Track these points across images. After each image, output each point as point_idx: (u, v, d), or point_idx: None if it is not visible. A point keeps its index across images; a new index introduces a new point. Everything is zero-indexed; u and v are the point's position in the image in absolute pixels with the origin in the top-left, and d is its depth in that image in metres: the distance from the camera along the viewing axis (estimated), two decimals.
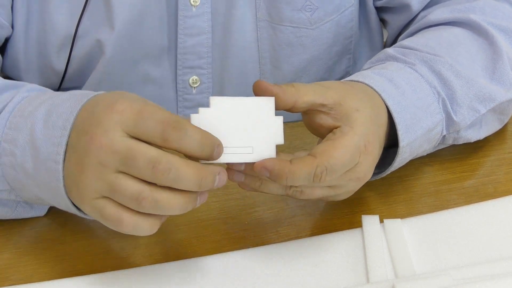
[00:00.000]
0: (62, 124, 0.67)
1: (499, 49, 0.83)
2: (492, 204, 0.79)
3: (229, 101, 0.68)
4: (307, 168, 0.66)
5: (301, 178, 0.66)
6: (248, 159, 0.68)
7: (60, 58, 0.92)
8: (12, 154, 0.70)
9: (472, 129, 0.82)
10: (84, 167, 0.64)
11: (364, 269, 0.72)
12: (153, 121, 0.63)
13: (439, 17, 0.89)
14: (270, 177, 0.66)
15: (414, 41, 0.85)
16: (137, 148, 0.62)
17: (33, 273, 0.72)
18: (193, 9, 0.92)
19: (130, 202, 0.63)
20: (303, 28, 0.95)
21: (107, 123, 0.63)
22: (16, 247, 0.75)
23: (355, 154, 0.68)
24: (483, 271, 0.70)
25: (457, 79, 0.80)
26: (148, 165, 0.62)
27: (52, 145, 0.67)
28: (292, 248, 0.74)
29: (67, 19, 0.90)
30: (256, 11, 0.94)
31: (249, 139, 0.68)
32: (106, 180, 0.63)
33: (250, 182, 0.69)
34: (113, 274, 0.71)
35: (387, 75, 0.78)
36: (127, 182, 0.63)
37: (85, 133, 0.65)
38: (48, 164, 0.68)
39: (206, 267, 0.72)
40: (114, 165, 0.63)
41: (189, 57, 0.94)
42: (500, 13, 0.88)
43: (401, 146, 0.75)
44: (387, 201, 0.80)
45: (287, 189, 0.70)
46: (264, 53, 0.96)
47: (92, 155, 0.64)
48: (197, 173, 0.63)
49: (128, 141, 0.63)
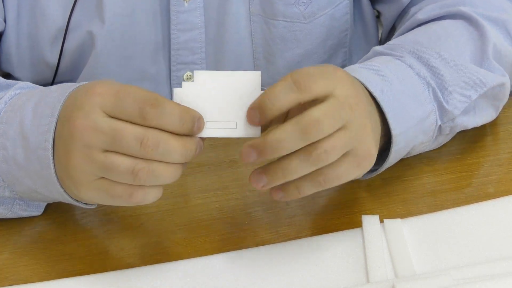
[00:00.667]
0: (50, 112, 0.69)
1: (487, 40, 0.83)
2: (492, 204, 0.79)
3: (214, 75, 0.68)
4: (281, 82, 0.65)
5: (280, 94, 0.65)
6: (232, 134, 0.67)
7: (53, 51, 0.92)
8: (4, 147, 0.71)
9: (466, 116, 0.82)
10: (71, 153, 0.65)
11: (364, 269, 0.72)
12: (131, 100, 0.64)
13: (429, 14, 0.89)
14: (257, 153, 0.65)
15: (402, 39, 0.86)
16: (122, 126, 0.64)
17: (33, 273, 0.72)
18: (185, 4, 0.92)
19: (127, 176, 0.64)
20: (297, 22, 0.95)
21: (87, 106, 0.65)
22: (15, 247, 0.75)
23: (331, 79, 0.67)
24: (483, 271, 0.70)
25: (446, 67, 0.80)
26: (136, 142, 0.63)
27: (41, 133, 0.69)
28: (292, 248, 0.74)
29: (59, 11, 0.90)
30: (250, 5, 0.94)
31: (233, 114, 0.67)
32: (95, 161, 0.64)
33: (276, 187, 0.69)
34: (113, 274, 0.71)
35: (373, 67, 0.77)
36: (119, 159, 0.64)
37: (68, 119, 0.66)
38: (38, 153, 0.69)
39: (206, 267, 0.72)
40: (101, 145, 0.64)
41: (183, 53, 0.94)
42: (490, 4, 0.88)
43: (394, 134, 0.74)
44: (387, 201, 0.80)
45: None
46: (258, 48, 0.96)
47: (76, 139, 0.65)
48: (183, 144, 0.64)
49: (111, 121, 0.64)
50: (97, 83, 0.66)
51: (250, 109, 0.67)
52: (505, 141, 0.89)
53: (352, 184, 0.81)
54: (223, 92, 0.67)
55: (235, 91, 0.67)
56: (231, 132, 0.67)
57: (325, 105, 0.65)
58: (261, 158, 0.66)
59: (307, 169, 0.66)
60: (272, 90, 0.66)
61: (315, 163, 0.66)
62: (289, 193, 0.68)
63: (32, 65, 0.94)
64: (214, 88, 0.67)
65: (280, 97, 0.65)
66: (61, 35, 0.91)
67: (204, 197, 0.80)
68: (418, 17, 0.90)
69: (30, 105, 0.71)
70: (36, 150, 0.69)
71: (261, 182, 0.67)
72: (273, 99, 0.65)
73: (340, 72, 0.69)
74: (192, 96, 0.67)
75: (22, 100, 0.73)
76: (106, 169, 0.64)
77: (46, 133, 0.68)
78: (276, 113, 0.66)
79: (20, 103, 0.72)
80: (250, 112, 0.67)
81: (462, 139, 0.86)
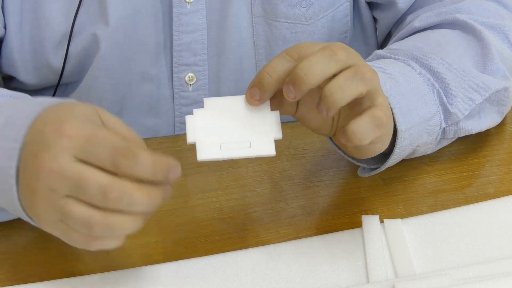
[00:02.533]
0: (15, 137, 0.66)
1: (488, 43, 0.84)
2: (492, 204, 0.79)
3: (223, 101, 0.69)
4: (275, 57, 0.68)
5: (277, 66, 0.67)
6: (247, 153, 0.68)
7: (57, 55, 0.92)
8: None
9: (471, 120, 0.82)
10: (35, 192, 0.63)
11: (364, 269, 0.72)
12: (103, 148, 0.61)
13: (425, 22, 0.90)
14: (260, 91, 0.68)
15: (403, 44, 0.86)
16: (88, 174, 0.61)
17: (33, 273, 0.72)
18: (188, 6, 0.92)
19: (82, 227, 0.62)
20: (298, 23, 0.95)
21: (56, 148, 0.62)
22: (16, 247, 0.75)
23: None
24: (483, 271, 0.70)
25: (449, 71, 0.81)
26: (99, 192, 0.61)
27: (6, 158, 0.66)
28: (292, 248, 0.74)
29: (61, 16, 0.90)
30: (252, 7, 0.94)
31: (246, 134, 0.68)
32: (56, 206, 0.62)
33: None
34: (113, 274, 0.71)
35: (380, 67, 0.78)
36: (76, 208, 0.62)
37: (34, 156, 0.63)
38: (2, 175, 0.66)
39: (206, 267, 0.72)
40: (64, 191, 0.62)
41: (185, 54, 0.94)
42: (486, 11, 0.89)
43: (399, 129, 0.74)
44: (387, 201, 0.80)
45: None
46: (260, 49, 0.96)
47: (42, 181, 0.62)
48: (148, 195, 0.62)
49: (78, 166, 0.62)
50: (65, 121, 0.63)
51: (249, 88, 0.68)
52: (505, 141, 0.89)
53: (352, 184, 0.82)
54: (234, 115, 0.68)
55: (245, 113, 0.68)
56: (246, 152, 0.68)
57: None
58: (262, 89, 0.68)
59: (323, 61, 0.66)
60: (268, 64, 0.68)
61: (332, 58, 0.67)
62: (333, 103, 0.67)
63: (36, 69, 0.94)
64: (225, 112, 0.68)
65: (277, 68, 0.67)
66: (65, 39, 0.91)
67: (204, 197, 0.80)
68: (414, 25, 0.90)
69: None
70: (1, 172, 0.66)
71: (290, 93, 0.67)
72: (270, 71, 0.67)
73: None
74: (204, 122, 0.67)
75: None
76: (64, 216, 0.62)
77: (9, 159, 0.65)
78: (275, 85, 0.68)
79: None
80: (249, 91, 0.68)
81: (462, 139, 0.86)
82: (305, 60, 0.66)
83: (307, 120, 0.73)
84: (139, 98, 0.96)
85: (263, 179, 0.82)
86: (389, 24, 0.98)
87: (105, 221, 0.62)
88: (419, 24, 0.90)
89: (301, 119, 0.73)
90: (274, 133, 0.69)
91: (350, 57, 0.67)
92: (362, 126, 0.67)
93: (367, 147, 0.71)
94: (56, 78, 0.94)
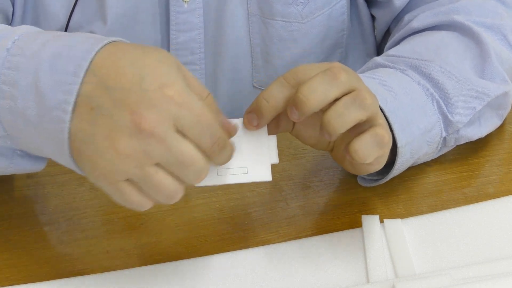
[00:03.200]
0: (73, 70, 0.62)
1: (486, 46, 0.84)
2: (492, 204, 0.79)
3: None
4: (272, 83, 0.68)
5: (274, 92, 0.67)
6: (243, 179, 0.68)
7: None
8: (12, 97, 0.64)
9: (471, 127, 0.82)
10: (120, 145, 0.60)
11: (364, 269, 0.72)
12: (208, 133, 0.62)
13: (423, 22, 0.90)
14: (258, 117, 0.68)
15: (401, 50, 0.86)
16: (191, 154, 0.61)
17: (33, 273, 0.72)
18: (185, 5, 0.92)
19: (162, 197, 0.62)
20: (294, 22, 0.95)
21: (162, 112, 0.60)
22: (16, 247, 0.75)
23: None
24: (483, 271, 0.70)
25: (448, 79, 0.80)
26: (194, 174, 0.62)
27: (61, 92, 0.62)
28: (292, 248, 0.74)
29: (61, 11, 0.90)
30: (248, 6, 0.94)
31: (243, 159, 0.68)
32: (145, 170, 0.61)
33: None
34: (113, 274, 0.71)
35: (379, 79, 0.78)
36: (166, 180, 0.62)
37: (130, 108, 0.60)
38: (54, 113, 0.62)
39: (206, 267, 0.72)
40: (159, 160, 0.61)
41: (182, 53, 0.94)
42: (485, 10, 0.89)
43: (400, 146, 0.75)
44: (387, 201, 0.80)
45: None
46: (256, 47, 0.96)
47: (138, 139, 0.60)
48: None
49: (182, 142, 0.61)
50: (171, 83, 0.61)
51: (247, 113, 0.68)
52: (505, 141, 0.89)
53: (352, 184, 0.82)
54: (232, 139, 0.67)
55: (243, 137, 0.68)
56: (243, 178, 0.68)
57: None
58: (259, 118, 0.68)
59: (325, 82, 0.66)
60: (266, 90, 0.68)
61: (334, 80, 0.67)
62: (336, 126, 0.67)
63: None
64: None
65: (274, 94, 0.67)
66: None
67: (204, 197, 0.80)
68: (413, 25, 0.90)
69: (47, 54, 0.63)
70: (52, 110, 0.62)
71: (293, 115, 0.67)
72: (268, 97, 0.67)
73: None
74: None
75: (36, 44, 0.64)
76: (148, 182, 0.61)
77: (67, 94, 0.61)
78: (273, 111, 0.67)
79: (35, 49, 0.64)
80: (247, 116, 0.68)
81: None
82: (306, 83, 0.66)
83: (303, 137, 0.73)
84: None
85: None
86: (387, 22, 0.98)
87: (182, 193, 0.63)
88: (417, 24, 0.90)
89: (298, 136, 0.73)
90: (271, 158, 0.69)
91: (350, 78, 0.67)
92: (364, 144, 0.67)
93: (363, 166, 0.72)
94: None
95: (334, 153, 0.75)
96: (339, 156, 0.74)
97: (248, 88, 0.98)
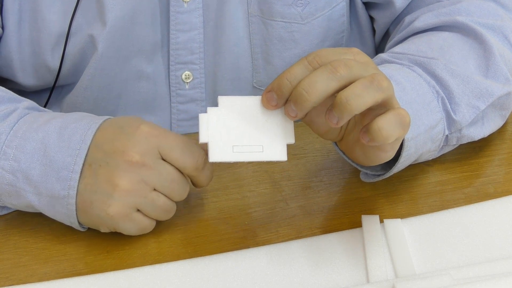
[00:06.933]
0: (80, 138, 0.73)
1: (489, 46, 0.84)
2: (492, 204, 0.79)
3: (238, 100, 0.68)
4: (296, 64, 0.68)
5: (297, 72, 0.67)
6: (258, 157, 0.68)
7: (54, 56, 0.92)
8: (16, 159, 0.73)
9: (474, 127, 0.82)
10: (121, 182, 0.71)
11: (364, 269, 0.72)
12: (188, 152, 0.72)
13: (425, 23, 0.89)
14: (278, 97, 0.68)
15: (406, 48, 0.86)
16: (177, 174, 0.73)
17: (33, 273, 0.72)
18: (185, 5, 0.92)
19: (164, 215, 0.74)
20: (294, 23, 0.95)
21: (146, 145, 0.72)
22: (16, 247, 0.75)
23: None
24: (483, 271, 0.70)
25: (453, 78, 0.80)
26: (183, 192, 0.74)
27: (69, 156, 0.72)
28: (292, 248, 0.74)
29: (59, 17, 0.91)
30: (248, 6, 0.94)
31: (259, 138, 0.68)
32: (149, 197, 0.72)
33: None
34: (113, 274, 0.71)
35: (387, 73, 0.78)
36: (166, 200, 0.73)
37: (120, 152, 0.72)
38: (61, 174, 0.72)
39: (206, 267, 0.72)
40: (155, 184, 0.72)
41: (182, 53, 0.94)
42: (486, 11, 0.89)
43: (406, 138, 0.74)
44: (387, 201, 0.80)
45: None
46: (256, 48, 0.96)
47: (133, 172, 0.71)
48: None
49: (168, 165, 0.72)
50: (144, 123, 0.73)
51: (267, 91, 0.68)
52: (505, 141, 0.89)
53: (352, 184, 0.82)
54: (248, 117, 0.67)
55: (259, 115, 0.68)
56: (258, 156, 0.68)
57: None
58: (279, 97, 0.68)
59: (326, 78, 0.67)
60: (289, 70, 0.68)
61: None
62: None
63: (35, 70, 0.94)
64: (239, 112, 0.68)
65: (297, 76, 0.67)
66: (62, 39, 0.91)
67: (204, 197, 0.80)
68: (415, 26, 0.90)
69: (53, 126, 0.74)
70: (60, 171, 0.72)
71: (292, 113, 0.68)
72: (290, 78, 0.67)
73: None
74: (218, 121, 0.67)
75: (41, 120, 0.75)
76: (153, 205, 0.73)
77: (75, 157, 0.72)
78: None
79: (40, 123, 0.75)
80: (266, 95, 0.68)
81: None
82: (306, 77, 0.66)
83: (316, 124, 0.73)
84: (135, 96, 0.96)
85: (263, 179, 0.82)
86: (386, 23, 0.98)
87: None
88: (420, 25, 0.90)
89: (310, 123, 0.73)
90: (287, 138, 0.68)
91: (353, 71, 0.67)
92: (388, 122, 0.67)
93: (377, 153, 0.71)
94: (53, 79, 0.94)
95: (344, 143, 0.74)
96: (349, 145, 0.74)
97: (248, 88, 0.98)
